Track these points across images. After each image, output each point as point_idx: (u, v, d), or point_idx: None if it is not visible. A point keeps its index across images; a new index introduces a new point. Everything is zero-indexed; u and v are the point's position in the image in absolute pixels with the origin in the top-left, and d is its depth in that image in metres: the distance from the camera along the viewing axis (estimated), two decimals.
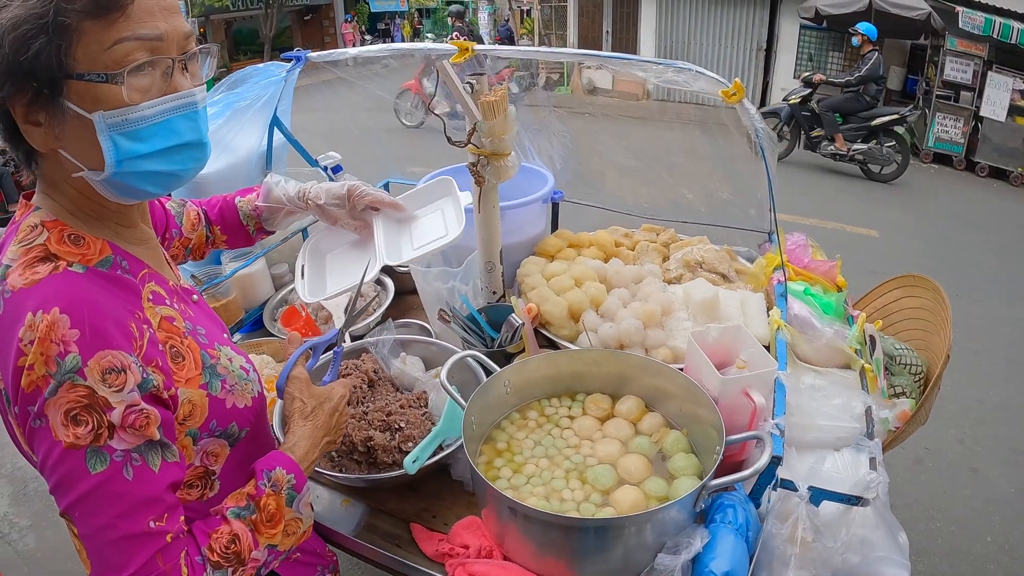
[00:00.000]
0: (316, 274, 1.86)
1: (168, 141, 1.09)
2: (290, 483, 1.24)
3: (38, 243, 1.07)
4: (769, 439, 1.40)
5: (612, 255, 2.42)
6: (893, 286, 2.56)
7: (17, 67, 0.97)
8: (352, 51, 2.36)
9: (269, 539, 1.19)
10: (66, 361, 0.98)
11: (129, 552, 1.01)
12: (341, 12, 29.44)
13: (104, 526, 1.01)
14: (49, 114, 1.02)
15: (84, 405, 0.99)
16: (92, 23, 0.98)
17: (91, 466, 1.00)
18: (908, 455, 3.87)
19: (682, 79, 1.96)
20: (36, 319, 0.98)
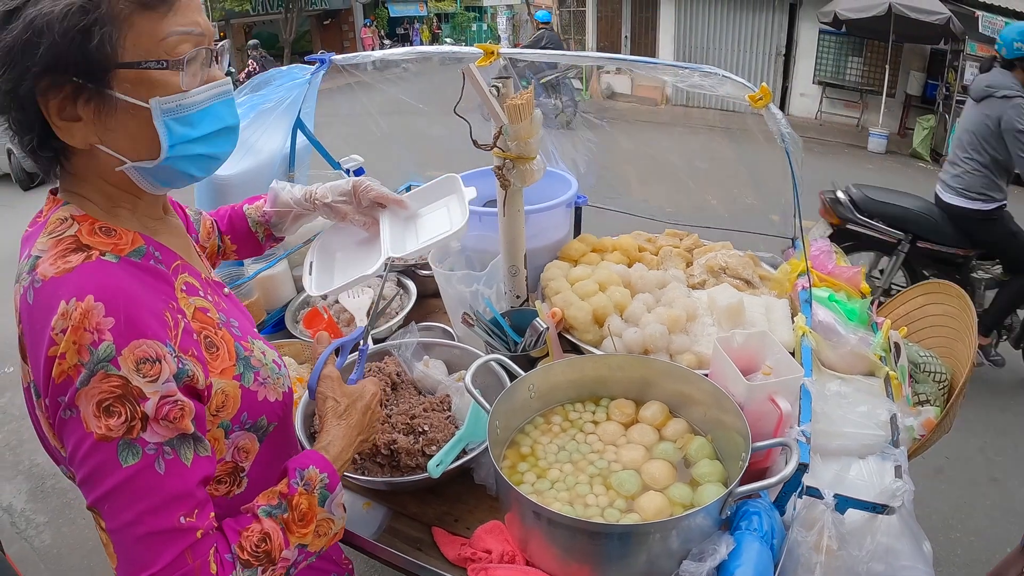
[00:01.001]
0: (324, 269, 1.86)
1: (214, 125, 1.15)
2: (323, 482, 1.22)
3: (69, 234, 1.07)
4: (796, 446, 1.39)
5: (636, 260, 2.42)
6: (917, 292, 2.54)
7: (65, 57, 0.98)
8: (376, 54, 2.37)
9: (300, 539, 1.17)
10: (99, 350, 0.97)
11: (157, 548, 1.00)
12: (360, 17, 29.63)
13: (133, 521, 0.99)
14: (96, 108, 1.03)
15: (117, 395, 0.98)
16: (143, 15, 1.02)
17: (123, 459, 0.98)
18: (928, 464, 3.83)
19: (709, 83, 1.96)
20: (69, 307, 0.97)
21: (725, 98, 1.99)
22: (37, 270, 1.03)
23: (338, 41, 28.46)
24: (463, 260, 2.36)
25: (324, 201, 1.79)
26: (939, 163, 10.95)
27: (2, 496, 4.23)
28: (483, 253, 2.26)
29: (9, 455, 4.61)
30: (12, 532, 3.89)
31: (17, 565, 2.24)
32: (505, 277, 2.20)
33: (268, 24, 25.50)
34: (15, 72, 0.99)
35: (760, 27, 15.09)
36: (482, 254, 2.26)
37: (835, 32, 13.60)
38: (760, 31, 15.13)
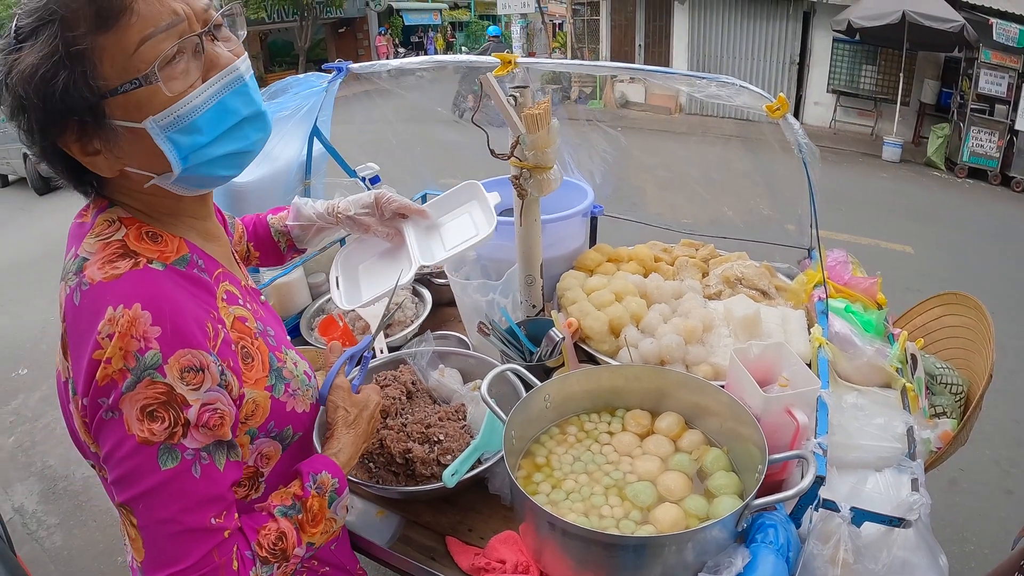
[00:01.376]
0: (351, 283, 1.88)
1: (227, 122, 1.09)
2: (333, 487, 1.29)
3: (116, 238, 1.09)
4: (812, 458, 1.38)
5: (651, 270, 2.42)
6: (934, 304, 2.53)
7: (52, 110, 0.98)
8: (394, 62, 2.38)
9: (310, 537, 1.23)
10: (146, 357, 0.99)
11: (189, 546, 1.03)
12: (375, 25, 29.78)
13: (167, 520, 1.02)
14: (103, 139, 1.03)
15: (162, 402, 1.00)
16: (106, 36, 0.97)
17: (162, 462, 1.01)
18: (943, 476, 3.80)
19: (726, 93, 1.95)
20: (117, 313, 0.99)
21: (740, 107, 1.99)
22: (85, 272, 1.04)
23: (353, 49, 28.60)
24: (479, 269, 2.36)
25: (347, 214, 1.79)
26: (954, 172, 10.91)
27: (14, 497, 4.27)
28: (499, 262, 2.26)
29: (22, 456, 4.64)
30: (23, 533, 3.93)
31: (28, 566, 2.26)
32: (521, 287, 2.20)
33: (283, 32, 25.66)
34: (27, 135, 1.04)
35: (774, 36, 15.07)
36: (498, 263, 2.26)
37: (849, 40, 13.57)
38: (774, 40, 15.11)
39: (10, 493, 4.31)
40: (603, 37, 17.75)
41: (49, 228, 9.58)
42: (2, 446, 4.80)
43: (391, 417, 1.79)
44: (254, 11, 21.98)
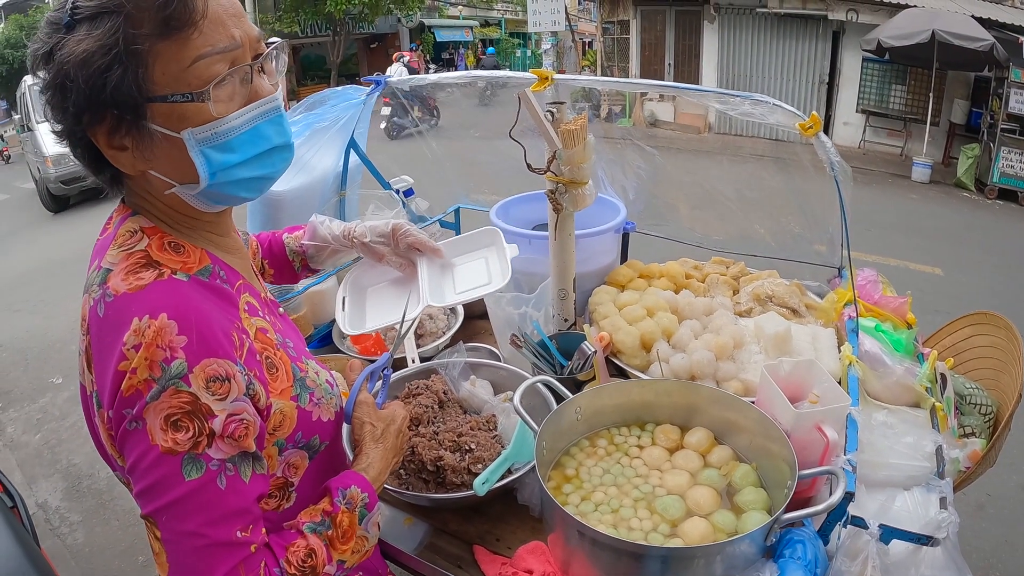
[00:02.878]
0: (356, 306, 1.88)
1: (258, 147, 1.12)
2: (363, 502, 1.26)
3: (139, 249, 1.09)
4: (843, 474, 1.38)
5: (682, 287, 2.42)
6: (964, 324, 2.51)
7: (96, 99, 0.99)
8: (431, 77, 2.42)
9: (341, 555, 1.20)
10: (172, 367, 0.98)
11: (213, 560, 1.01)
12: (407, 41, 30.05)
13: (191, 533, 1.00)
14: (135, 138, 1.05)
15: (186, 411, 0.99)
16: (166, 44, 0.99)
17: (186, 472, 0.99)
18: (970, 500, 3.75)
19: (759, 112, 1.97)
20: (143, 324, 0.99)
21: (769, 126, 2.00)
22: (108, 284, 1.04)
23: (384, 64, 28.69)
24: (512, 282, 2.37)
25: (362, 240, 1.80)
26: (983, 193, 10.79)
27: (39, 493, 4.34)
28: (532, 276, 2.28)
29: (48, 454, 4.73)
30: (46, 528, 3.98)
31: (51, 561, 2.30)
32: (554, 300, 2.21)
33: (316, 46, 25.95)
34: (59, 112, 1.03)
35: (803, 55, 15.04)
36: (531, 277, 2.28)
37: (878, 60, 13.52)
38: (803, 59, 15.08)
39: (35, 489, 4.38)
40: (633, 55, 17.78)
41: (82, 230, 9.76)
42: (29, 443, 4.89)
43: (423, 425, 1.81)
44: (287, 25, 22.25)
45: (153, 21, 0.97)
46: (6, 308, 7.34)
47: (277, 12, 22.58)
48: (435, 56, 32.10)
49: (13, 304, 7.42)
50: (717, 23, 15.89)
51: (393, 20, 28.20)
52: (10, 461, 4.64)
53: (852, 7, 13.68)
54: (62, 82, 0.99)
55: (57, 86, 1.00)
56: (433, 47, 32.04)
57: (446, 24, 34.55)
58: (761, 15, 15.08)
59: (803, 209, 2.55)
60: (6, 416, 5.24)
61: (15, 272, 8.71)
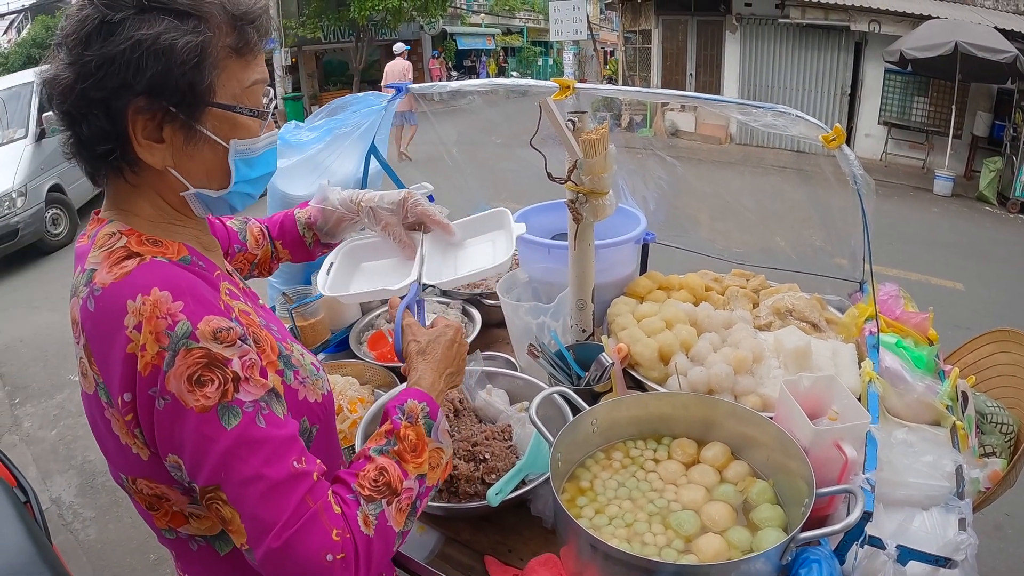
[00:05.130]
0: (343, 275, 1.82)
1: (266, 169, 1.25)
2: (424, 411, 1.26)
3: (119, 246, 1.11)
4: (861, 494, 1.36)
5: (702, 299, 2.40)
6: (985, 341, 2.47)
7: (171, 85, 1.04)
8: (453, 84, 2.42)
9: (417, 468, 1.20)
10: (177, 330, 1.00)
11: (280, 500, 1.02)
12: (429, 48, 30.21)
13: (251, 478, 1.01)
14: (183, 136, 1.10)
15: (204, 365, 1.01)
16: (235, 61, 1.11)
17: (225, 422, 1.01)
18: (988, 521, 3.69)
19: (781, 123, 1.95)
20: (137, 303, 1.01)
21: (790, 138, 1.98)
22: (95, 280, 1.06)
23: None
24: (530, 292, 2.37)
25: (370, 204, 1.78)
26: (1006, 207, 10.70)
27: (52, 488, 4.37)
28: (550, 285, 2.27)
29: (63, 449, 4.77)
30: (59, 524, 4.01)
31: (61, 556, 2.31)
32: (572, 310, 2.20)
33: (338, 52, 26.12)
34: (112, 84, 1.03)
35: (825, 66, 15.00)
36: (549, 286, 2.28)
37: (901, 71, 13.47)
38: (825, 70, 15.04)
39: (49, 484, 4.41)
40: (654, 65, 17.78)
41: None
42: (44, 438, 4.94)
43: None
44: (311, 31, 22.42)
45: (232, 37, 1.10)
46: (26, 305, 7.42)
47: (301, 17, 22.73)
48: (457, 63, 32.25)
49: (33, 301, 7.50)
50: (739, 33, 15.87)
51: (416, 27, 28.36)
52: (26, 456, 4.68)
53: (874, 18, 13.63)
54: (138, 58, 1.01)
55: (123, 60, 1.01)
56: (455, 55, 32.19)
57: (468, 32, 34.71)
58: (783, 25, 15.05)
59: (825, 222, 2.53)
60: (23, 411, 5.30)
61: (34, 269, 8.83)
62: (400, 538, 1.16)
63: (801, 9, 14.38)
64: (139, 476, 1.14)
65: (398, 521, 1.14)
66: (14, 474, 2.77)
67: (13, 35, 28.18)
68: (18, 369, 6.02)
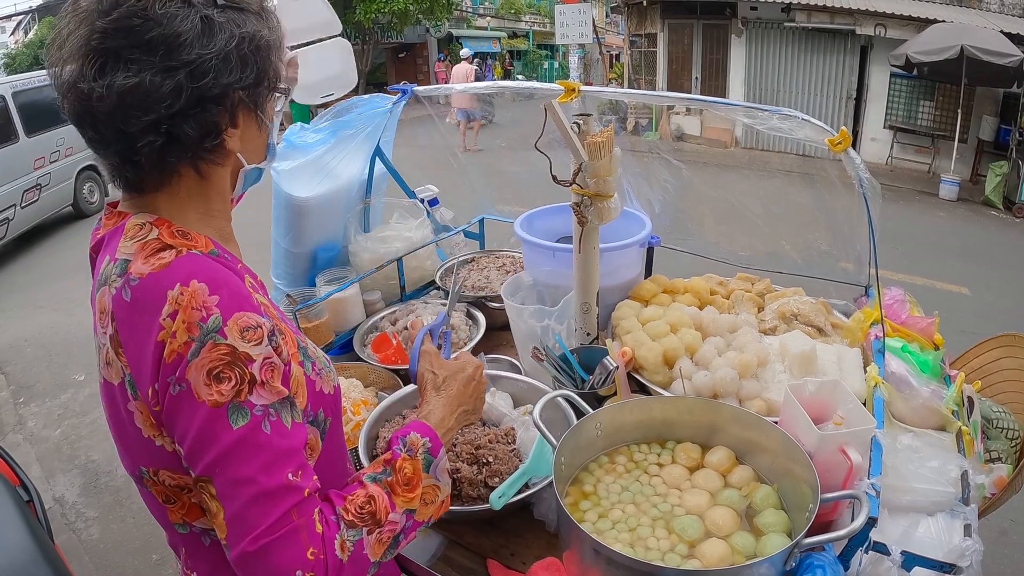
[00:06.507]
0: None
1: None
2: (425, 446, 1.26)
3: (152, 237, 1.12)
4: (866, 499, 1.36)
5: (707, 303, 2.40)
6: (992, 346, 2.47)
7: (267, 73, 1.17)
8: (458, 87, 2.42)
9: (407, 503, 1.19)
10: (208, 323, 1.02)
11: (267, 507, 1.02)
12: (434, 51, 30.27)
13: (245, 480, 1.02)
14: (252, 118, 1.20)
15: (227, 362, 1.03)
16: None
17: (233, 421, 1.02)
18: (992, 526, 3.65)
19: (787, 126, 1.95)
20: (176, 293, 1.03)
21: (796, 141, 1.98)
22: (130, 271, 1.08)
23: (412, 74, 29.04)
24: (535, 295, 2.37)
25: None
26: (1012, 212, 10.67)
27: (56, 488, 4.36)
28: (555, 289, 2.27)
29: (67, 449, 4.76)
30: (62, 523, 4.00)
31: (63, 555, 2.31)
32: (577, 314, 2.20)
33: None
34: (229, 79, 1.10)
35: (831, 70, 14.99)
36: (554, 290, 2.27)
37: (906, 75, 13.45)
38: (830, 74, 15.03)
39: (52, 483, 4.41)
40: (660, 69, 17.78)
41: None
42: (48, 438, 4.93)
43: None
44: None
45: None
46: (30, 305, 7.43)
47: None
48: None
49: (37, 300, 7.51)
50: (744, 37, 15.86)
51: (421, 30, 28.39)
52: (29, 455, 4.68)
53: (880, 22, 13.62)
54: (243, 53, 1.10)
55: (239, 55, 1.10)
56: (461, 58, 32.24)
57: (474, 35, 34.74)
58: (789, 29, 15.04)
59: (830, 226, 2.53)
60: (27, 411, 5.30)
61: (40, 269, 8.84)
62: (375, 567, 1.15)
63: (807, 13, 14.37)
64: (162, 467, 1.14)
65: (375, 552, 1.13)
66: (17, 473, 2.77)
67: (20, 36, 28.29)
68: (22, 368, 6.02)
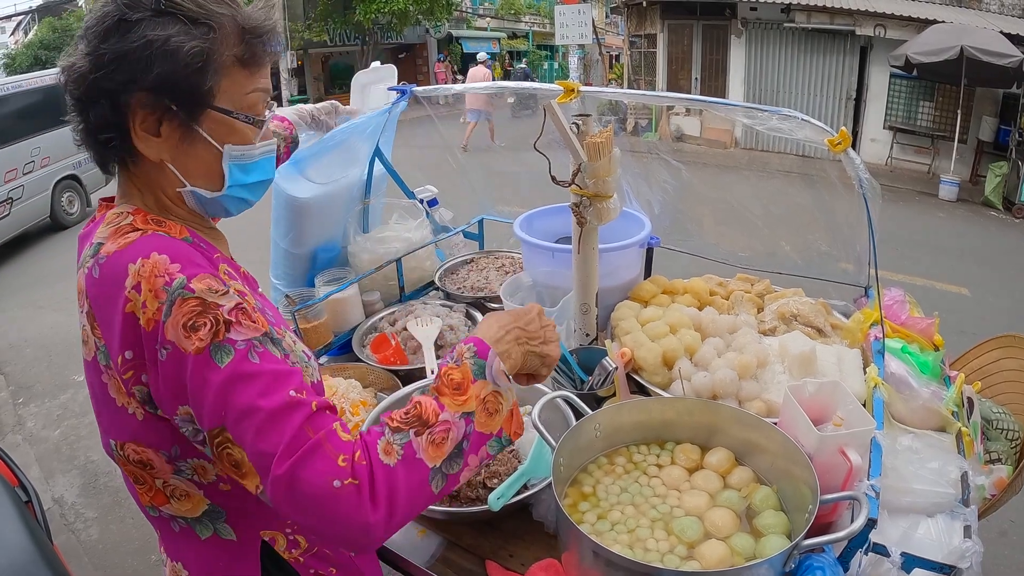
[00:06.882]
0: None
1: (262, 176, 1.29)
2: (472, 351, 1.21)
3: (126, 223, 1.16)
4: (865, 500, 1.35)
5: (706, 303, 2.40)
6: (992, 346, 2.46)
7: (175, 85, 1.10)
8: (457, 87, 2.42)
9: (460, 406, 1.15)
10: (173, 285, 1.05)
11: (278, 428, 1.01)
12: (434, 52, 30.32)
13: (247, 411, 1.02)
14: (178, 132, 1.16)
15: (198, 312, 1.04)
16: (239, 70, 1.17)
17: (219, 360, 1.03)
18: (992, 527, 3.64)
19: (787, 127, 1.95)
20: (137, 266, 1.06)
21: (796, 142, 1.98)
22: (101, 251, 1.12)
23: (412, 75, 29.03)
24: (534, 295, 2.36)
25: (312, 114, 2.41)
26: (1011, 212, 10.67)
27: (55, 488, 4.36)
28: (554, 289, 2.27)
29: (66, 449, 4.76)
30: (61, 523, 4.00)
31: (62, 556, 2.31)
32: (576, 314, 2.19)
33: (345, 55, 26.19)
34: (122, 77, 1.09)
35: (830, 70, 14.99)
36: (553, 290, 2.27)
37: (906, 76, 13.46)
38: (830, 75, 15.03)
39: (51, 484, 4.41)
40: (659, 69, 17.78)
41: None
42: (48, 438, 4.93)
43: None
44: (317, 34, 22.51)
45: (239, 48, 1.16)
46: (31, 305, 7.44)
47: (307, 21, 22.82)
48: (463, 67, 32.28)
49: (38, 301, 7.52)
50: (744, 37, 15.86)
51: (421, 31, 28.44)
52: (29, 455, 4.68)
53: (880, 22, 13.62)
54: (148, 55, 1.08)
55: (139, 56, 1.08)
56: (460, 58, 32.22)
57: (473, 36, 34.75)
58: (788, 30, 15.05)
59: (830, 226, 2.52)
60: (27, 411, 5.30)
61: (40, 270, 8.86)
62: (442, 478, 1.11)
63: (806, 14, 14.38)
64: (128, 440, 1.17)
65: (431, 455, 1.09)
66: (16, 474, 2.77)
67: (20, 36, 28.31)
68: (22, 369, 6.03)
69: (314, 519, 1.01)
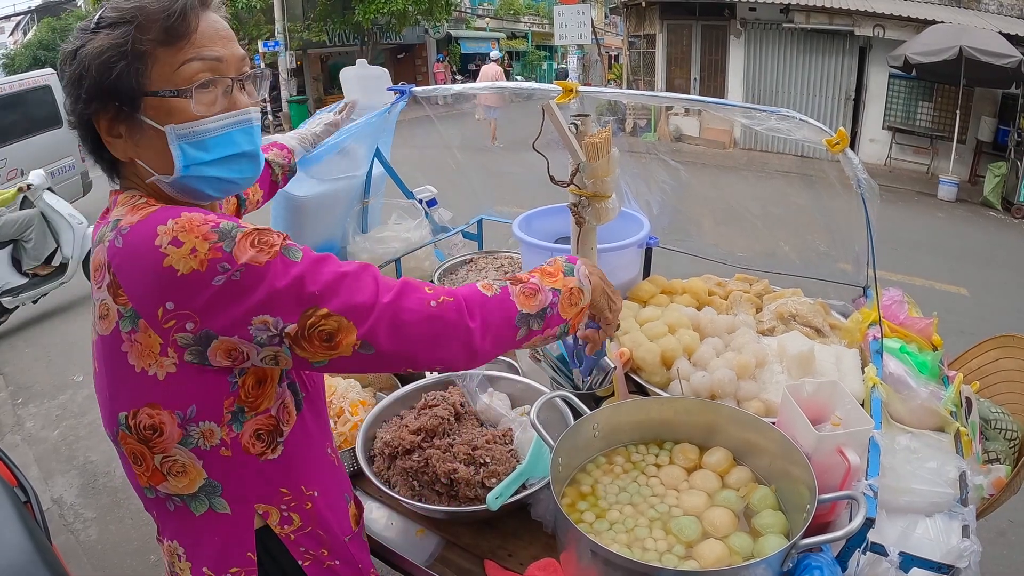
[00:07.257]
0: None
1: (228, 150, 1.26)
2: (563, 258, 1.43)
3: (141, 201, 1.20)
4: (863, 500, 1.36)
5: (705, 303, 2.40)
6: (990, 346, 2.46)
7: (102, 88, 1.16)
8: (456, 87, 2.42)
9: (550, 281, 1.35)
10: (222, 226, 1.10)
11: (364, 282, 1.16)
12: (433, 52, 30.31)
13: (335, 277, 1.14)
14: (128, 127, 1.20)
15: (257, 234, 1.12)
16: (164, 50, 1.17)
17: (293, 257, 1.12)
18: (991, 527, 3.63)
19: (785, 127, 1.95)
20: (168, 226, 1.09)
21: (795, 142, 1.98)
22: (121, 224, 1.15)
23: (411, 75, 29.03)
24: None
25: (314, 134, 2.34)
26: (1010, 212, 10.67)
27: (54, 488, 4.35)
28: None
29: (65, 450, 4.75)
30: (60, 524, 3.99)
31: (61, 556, 2.31)
32: None
33: (344, 56, 26.15)
34: (72, 99, 1.20)
35: (830, 71, 14.99)
36: None
37: (905, 76, 13.46)
38: (829, 75, 15.03)
39: (50, 484, 4.39)
40: (659, 70, 17.78)
41: None
42: (47, 438, 4.91)
43: (438, 437, 1.81)
44: (316, 34, 22.49)
45: (157, 30, 1.16)
46: (31, 305, 7.43)
47: (306, 21, 22.81)
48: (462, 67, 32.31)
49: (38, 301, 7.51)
50: (743, 38, 15.87)
51: (420, 31, 28.42)
52: (28, 456, 4.66)
53: (879, 23, 13.62)
54: (80, 73, 1.16)
55: (76, 77, 1.17)
56: (459, 58, 32.25)
57: (472, 36, 34.77)
58: (787, 30, 15.05)
59: (829, 227, 2.53)
60: (26, 411, 5.29)
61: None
62: (525, 327, 1.29)
63: (805, 14, 14.38)
64: (144, 405, 1.17)
65: (522, 302, 1.28)
66: (15, 474, 2.77)
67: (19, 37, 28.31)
68: (21, 369, 6.01)
69: (419, 336, 1.18)
